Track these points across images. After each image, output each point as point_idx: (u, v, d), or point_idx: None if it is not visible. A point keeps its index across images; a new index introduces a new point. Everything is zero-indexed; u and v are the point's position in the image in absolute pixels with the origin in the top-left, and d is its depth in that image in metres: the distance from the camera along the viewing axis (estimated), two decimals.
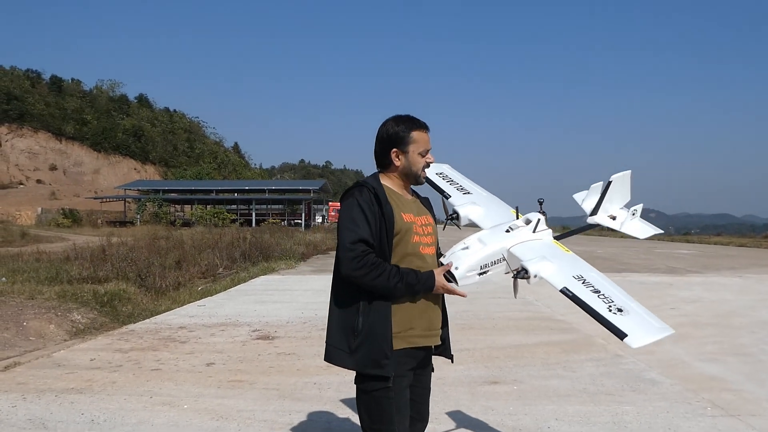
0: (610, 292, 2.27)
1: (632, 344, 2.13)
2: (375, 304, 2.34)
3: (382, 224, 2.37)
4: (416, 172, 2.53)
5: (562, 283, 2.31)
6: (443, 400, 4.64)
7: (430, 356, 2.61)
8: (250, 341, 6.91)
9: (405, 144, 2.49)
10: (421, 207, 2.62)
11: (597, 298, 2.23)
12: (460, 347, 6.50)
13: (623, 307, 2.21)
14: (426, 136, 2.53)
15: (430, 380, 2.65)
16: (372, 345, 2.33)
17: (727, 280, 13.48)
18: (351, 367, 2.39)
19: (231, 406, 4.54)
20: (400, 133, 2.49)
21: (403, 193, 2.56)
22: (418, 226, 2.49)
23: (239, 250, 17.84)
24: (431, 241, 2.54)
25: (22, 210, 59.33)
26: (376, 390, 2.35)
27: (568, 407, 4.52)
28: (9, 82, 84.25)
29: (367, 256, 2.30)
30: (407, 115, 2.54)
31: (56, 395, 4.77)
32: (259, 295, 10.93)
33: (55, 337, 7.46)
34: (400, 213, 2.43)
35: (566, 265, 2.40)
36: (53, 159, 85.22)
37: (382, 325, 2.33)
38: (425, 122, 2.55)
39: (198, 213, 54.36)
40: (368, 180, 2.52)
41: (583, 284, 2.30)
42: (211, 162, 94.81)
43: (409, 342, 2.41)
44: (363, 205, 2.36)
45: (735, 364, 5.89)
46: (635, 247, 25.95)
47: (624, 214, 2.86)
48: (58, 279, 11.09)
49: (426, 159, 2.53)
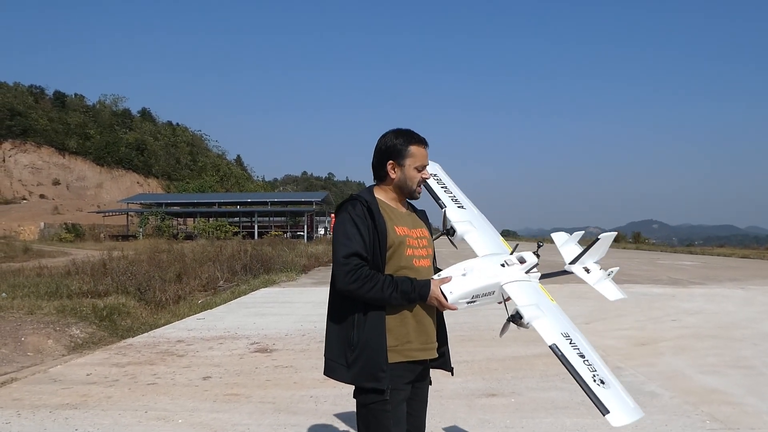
0: (593, 359, 2.28)
1: (613, 423, 2.13)
2: (369, 318, 2.35)
3: (375, 238, 2.37)
4: (411, 187, 2.53)
5: (552, 339, 2.31)
6: (440, 413, 4.60)
7: (427, 369, 2.59)
8: (248, 354, 6.88)
9: (402, 157, 2.49)
10: (417, 220, 2.62)
11: (583, 364, 2.24)
12: (459, 359, 6.46)
13: (605, 379, 2.22)
14: (424, 152, 2.52)
15: (427, 393, 2.64)
16: (368, 358, 2.33)
17: (729, 291, 13.40)
18: (348, 381, 2.39)
19: (226, 420, 4.51)
20: (398, 146, 2.49)
21: (398, 206, 2.56)
22: (412, 238, 2.48)
23: (240, 262, 17.81)
24: (426, 254, 2.53)
25: (25, 225, 59.45)
26: (373, 403, 2.35)
27: (566, 419, 4.48)
28: (12, 98, 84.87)
29: (361, 269, 2.31)
30: (407, 129, 2.54)
31: (51, 411, 4.74)
32: (258, 307, 10.90)
33: (53, 352, 7.44)
34: (393, 226, 2.44)
35: (555, 318, 2.41)
36: (56, 174, 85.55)
37: (376, 338, 2.33)
38: (424, 138, 2.55)
39: (200, 226, 54.41)
40: (361, 193, 2.52)
41: (570, 344, 2.30)
42: (214, 175, 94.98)
43: (406, 356, 2.40)
44: (356, 219, 2.38)
45: (736, 377, 5.83)
46: (638, 259, 25.88)
47: (598, 270, 2.93)
48: (58, 294, 11.08)
49: (422, 174, 2.53)
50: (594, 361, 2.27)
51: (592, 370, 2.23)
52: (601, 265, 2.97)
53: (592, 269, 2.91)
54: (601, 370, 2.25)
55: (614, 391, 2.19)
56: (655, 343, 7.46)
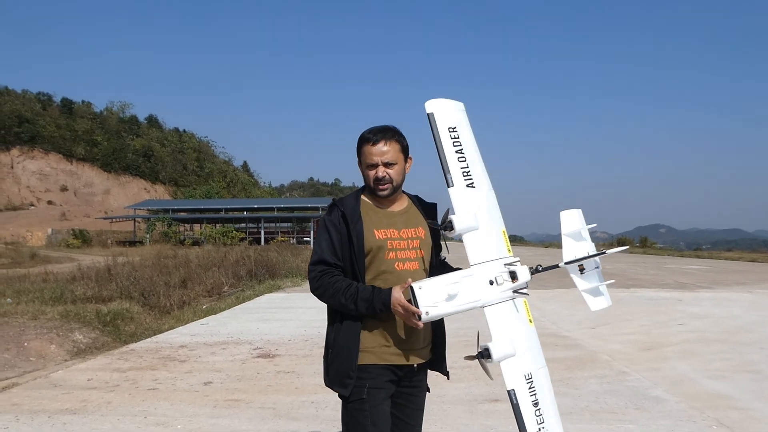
0: (546, 406, 2.26)
1: None
2: (345, 323, 2.34)
3: (350, 243, 2.34)
4: (370, 185, 2.43)
5: (512, 384, 2.23)
6: (442, 418, 4.55)
7: (422, 375, 2.52)
8: (250, 359, 6.84)
9: (359, 156, 2.45)
10: (414, 217, 2.50)
11: (533, 415, 2.23)
12: (462, 364, 6.36)
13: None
14: (372, 149, 2.37)
15: (423, 401, 2.56)
16: (339, 364, 2.34)
17: (737, 295, 13.27)
18: (326, 384, 2.42)
19: (225, 425, 4.47)
20: (357, 145, 2.45)
21: (388, 205, 2.47)
22: (396, 240, 2.40)
23: (245, 268, 17.81)
24: (415, 256, 2.42)
25: (33, 231, 59.79)
26: (351, 402, 2.34)
27: (570, 425, 4.40)
28: (21, 105, 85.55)
29: (323, 277, 2.33)
30: (372, 127, 2.45)
31: (49, 416, 4.72)
32: (262, 312, 10.87)
33: (55, 357, 7.43)
34: (372, 230, 2.38)
35: (523, 355, 2.30)
36: (64, 180, 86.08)
37: (348, 344, 2.32)
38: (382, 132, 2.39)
39: (207, 232, 54.54)
40: (345, 198, 2.49)
41: (529, 390, 2.25)
42: (221, 181, 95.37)
43: (381, 358, 2.35)
44: (329, 225, 2.39)
45: (743, 382, 5.75)
46: (644, 263, 25.71)
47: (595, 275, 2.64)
48: (63, 299, 11.11)
49: (376, 173, 2.38)
50: (546, 409, 2.26)
51: (540, 422, 2.23)
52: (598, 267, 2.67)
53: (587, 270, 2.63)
54: (549, 422, 2.25)
55: None
56: (661, 347, 7.37)
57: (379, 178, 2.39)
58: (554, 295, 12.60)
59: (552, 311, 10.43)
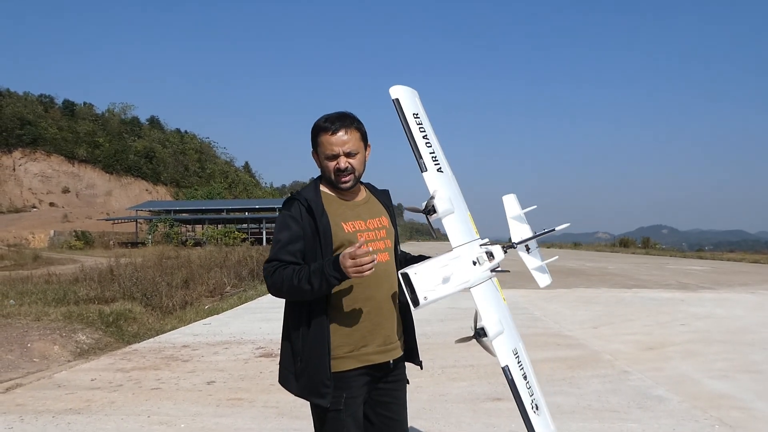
0: (531, 378, 2.32)
1: None
2: (312, 327, 2.23)
3: (316, 239, 2.23)
4: (330, 177, 2.30)
5: (506, 360, 2.27)
6: (444, 417, 4.56)
7: (401, 369, 2.45)
8: (253, 359, 6.86)
9: (315, 146, 2.33)
10: (375, 206, 2.44)
11: (525, 388, 2.28)
12: (464, 363, 6.43)
13: (539, 403, 2.31)
14: (332, 139, 2.24)
15: (405, 394, 2.48)
16: (312, 373, 2.23)
17: (739, 296, 13.25)
18: (296, 393, 2.30)
19: (228, 424, 4.48)
20: (312, 134, 2.32)
21: (348, 196, 2.37)
22: (364, 232, 2.31)
23: (247, 268, 17.84)
24: (384, 247, 2.36)
25: (35, 233, 59.90)
26: (329, 412, 2.24)
27: (572, 424, 4.42)
28: (22, 108, 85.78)
29: (276, 271, 2.20)
30: (330, 114, 2.30)
31: (54, 416, 4.74)
32: (265, 312, 10.88)
33: (59, 358, 7.45)
34: (340, 223, 2.28)
35: (509, 332, 2.35)
36: (66, 182, 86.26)
37: (318, 350, 2.21)
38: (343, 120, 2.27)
39: (209, 233, 54.59)
40: (304, 190, 2.35)
41: (518, 364, 2.29)
42: (222, 182, 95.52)
43: (363, 361, 2.28)
44: (290, 221, 2.26)
45: (746, 382, 5.75)
46: (647, 264, 25.68)
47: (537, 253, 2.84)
48: (65, 300, 11.12)
49: (337, 164, 2.26)
50: (531, 380, 2.32)
51: (531, 394, 2.28)
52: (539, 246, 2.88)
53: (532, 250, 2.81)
54: (536, 392, 2.32)
55: (543, 419, 2.28)
56: (664, 347, 7.37)
57: (342, 169, 2.27)
58: (556, 295, 12.60)
59: (554, 311, 10.43)
